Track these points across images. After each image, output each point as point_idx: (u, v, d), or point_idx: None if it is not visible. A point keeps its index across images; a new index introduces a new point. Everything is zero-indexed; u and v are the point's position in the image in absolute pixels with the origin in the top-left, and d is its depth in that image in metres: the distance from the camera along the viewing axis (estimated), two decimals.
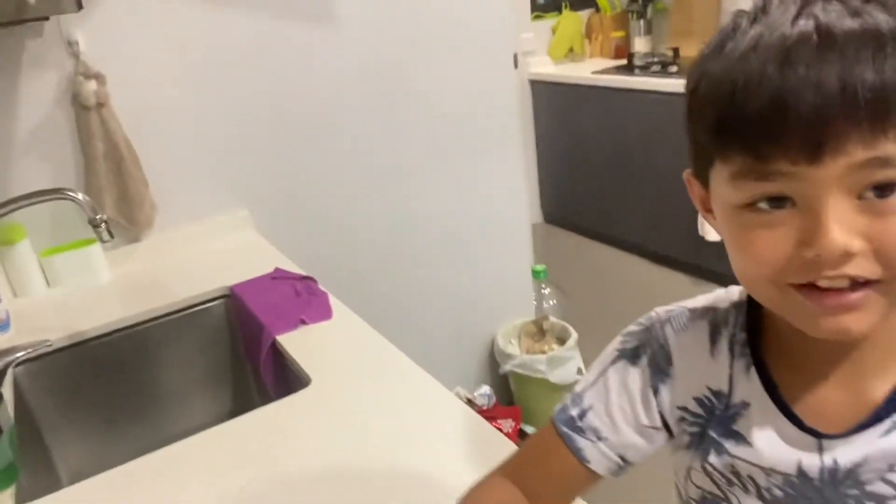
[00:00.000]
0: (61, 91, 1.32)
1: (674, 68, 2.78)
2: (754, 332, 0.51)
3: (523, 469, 0.58)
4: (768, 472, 0.49)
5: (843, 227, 0.39)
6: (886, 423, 0.45)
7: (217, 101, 1.48)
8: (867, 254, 0.39)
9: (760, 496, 0.50)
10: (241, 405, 0.92)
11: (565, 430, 0.56)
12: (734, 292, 0.53)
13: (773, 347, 0.50)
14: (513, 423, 1.86)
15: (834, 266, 0.39)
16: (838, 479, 0.47)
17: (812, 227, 0.39)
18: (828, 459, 0.47)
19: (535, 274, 2.16)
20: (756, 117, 0.39)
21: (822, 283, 0.40)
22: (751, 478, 0.51)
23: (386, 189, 1.74)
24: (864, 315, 0.41)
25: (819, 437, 0.47)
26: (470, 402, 1.89)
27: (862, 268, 0.40)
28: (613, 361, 0.56)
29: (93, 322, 1.21)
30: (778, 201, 0.41)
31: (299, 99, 1.58)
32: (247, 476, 0.79)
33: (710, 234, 2.53)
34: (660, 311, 0.56)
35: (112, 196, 1.37)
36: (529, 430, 1.91)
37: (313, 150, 1.62)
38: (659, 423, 0.55)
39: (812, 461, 0.47)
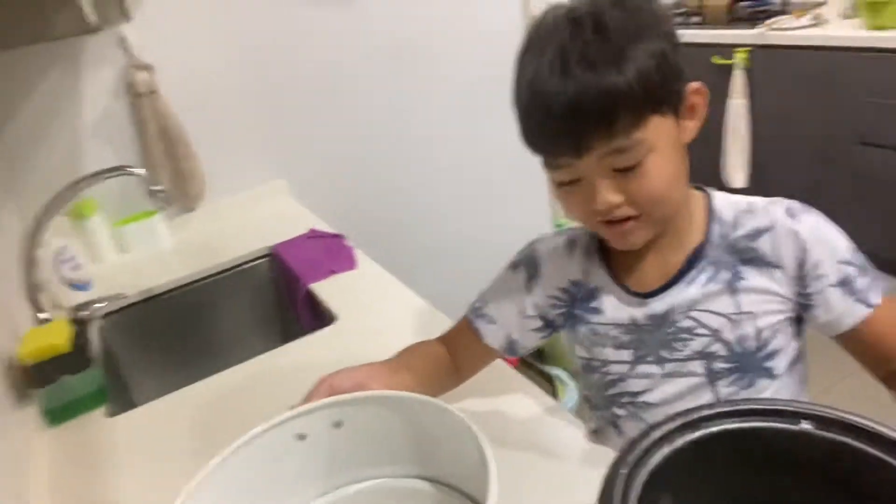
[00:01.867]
0: (117, 83, 1.52)
1: (697, 18, 2.80)
2: (601, 242, 0.75)
3: (451, 340, 0.84)
4: (614, 326, 0.74)
5: (608, 191, 0.63)
6: (683, 282, 0.70)
7: (255, 82, 1.66)
8: (626, 202, 0.64)
9: (614, 344, 0.74)
10: (282, 343, 1.11)
11: (471, 316, 0.82)
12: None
13: (611, 250, 0.74)
14: None
15: (609, 213, 0.65)
16: (657, 321, 0.71)
17: (591, 194, 0.64)
18: (648, 310, 0.72)
19: (558, 226, 2.28)
20: (541, 137, 0.64)
21: (610, 219, 0.66)
22: (606, 334, 0.74)
23: (410, 150, 1.90)
24: (638, 234, 0.67)
25: (641, 296, 0.72)
26: None
27: (625, 211, 0.65)
28: (505, 270, 0.82)
29: (159, 280, 1.41)
30: (572, 182, 0.65)
31: (329, 76, 1.74)
32: (282, 392, 0.97)
33: (736, 181, 2.59)
34: (536, 237, 0.82)
35: (167, 172, 1.57)
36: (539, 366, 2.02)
37: (342, 122, 1.79)
38: (536, 314, 0.79)
39: (638, 313, 0.72)
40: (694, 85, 0.66)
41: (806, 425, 0.52)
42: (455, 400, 0.81)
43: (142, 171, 1.11)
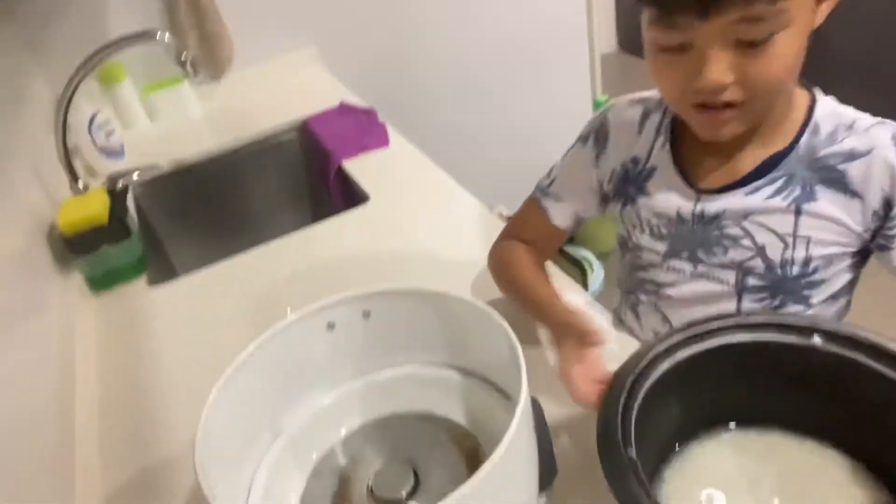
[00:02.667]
0: None
1: None
2: (677, 119, 0.69)
3: (518, 228, 0.81)
4: (658, 214, 0.70)
5: (722, 67, 0.55)
6: (747, 188, 0.65)
7: None
8: (736, 84, 0.56)
9: (651, 234, 0.71)
10: (314, 220, 1.11)
11: (537, 195, 0.79)
12: None
13: (684, 133, 0.68)
14: None
15: (713, 94, 0.57)
16: (705, 221, 0.67)
17: (699, 67, 0.55)
18: (698, 207, 0.67)
19: (597, 105, 2.18)
20: None
21: (707, 103, 0.58)
22: (647, 221, 0.71)
23: (445, 19, 1.79)
24: (733, 125, 0.60)
25: (699, 191, 0.67)
26: (509, 220, 2.02)
27: (732, 94, 0.57)
28: (574, 145, 0.78)
29: (189, 151, 1.41)
30: (679, 49, 0.56)
31: None
32: (316, 269, 0.99)
33: None
34: (611, 102, 0.76)
35: (194, 36, 1.51)
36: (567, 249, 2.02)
37: None
38: (598, 188, 0.76)
39: (687, 208, 0.68)
40: None
41: (817, 339, 0.51)
42: (482, 288, 0.81)
43: (167, 36, 1.06)
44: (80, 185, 1.13)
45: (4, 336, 0.72)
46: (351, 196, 1.24)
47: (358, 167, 1.23)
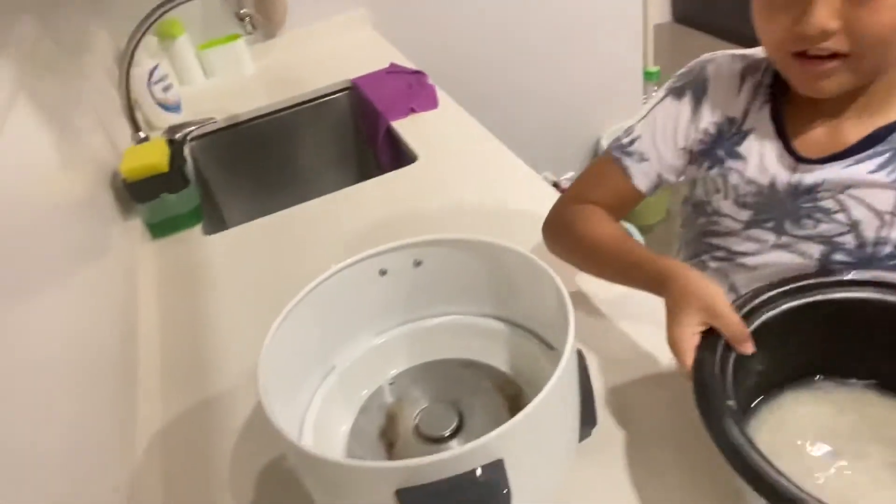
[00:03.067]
0: None
1: None
2: (779, 81, 0.65)
3: (587, 190, 0.74)
4: (749, 181, 0.66)
5: (827, 11, 0.53)
6: (850, 160, 0.61)
7: None
8: (842, 32, 0.54)
9: (736, 201, 0.67)
10: (360, 179, 1.13)
11: (617, 154, 0.72)
12: None
13: (786, 96, 0.64)
14: None
15: (816, 40, 0.54)
16: (799, 192, 0.63)
17: (804, 10, 0.53)
18: (795, 178, 0.63)
19: (648, 76, 2.14)
20: None
21: (810, 51, 0.55)
22: (734, 186, 0.67)
23: None
24: (835, 80, 0.57)
25: (798, 159, 0.63)
26: (555, 185, 2.03)
27: (838, 43, 0.54)
28: (662, 100, 0.71)
29: (244, 107, 1.44)
30: None
31: None
32: (364, 225, 1.01)
33: None
34: (707, 55, 0.70)
35: None
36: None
37: None
38: (687, 146, 0.69)
39: (782, 177, 0.64)
40: None
41: None
42: (531, 246, 0.83)
43: None
44: (142, 135, 1.17)
45: (73, 275, 0.77)
46: (398, 156, 1.26)
47: (407, 128, 1.25)
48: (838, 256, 0.64)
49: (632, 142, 0.71)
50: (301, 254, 0.98)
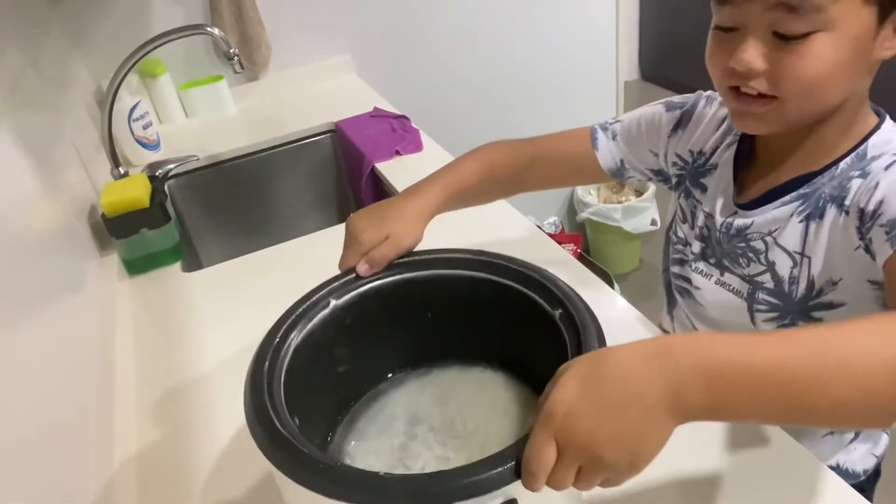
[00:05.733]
0: None
1: None
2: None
3: (549, 140, 0.80)
4: (707, 215, 0.71)
5: (756, 50, 0.56)
6: (776, 203, 0.64)
7: None
8: (767, 75, 0.56)
9: (692, 228, 0.73)
10: (340, 222, 1.13)
11: (595, 127, 0.79)
12: None
13: (750, 141, 0.69)
14: (573, 247, 2.02)
15: (744, 77, 0.57)
16: (732, 233, 0.67)
17: (738, 46, 0.57)
18: (729, 221, 0.68)
19: None
20: None
21: (742, 88, 0.58)
22: (695, 216, 0.73)
23: (475, 37, 1.83)
24: (764, 120, 0.60)
25: (738, 205, 0.67)
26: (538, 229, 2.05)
27: (760, 85, 0.57)
28: (655, 105, 0.76)
29: (225, 146, 1.43)
30: (727, 29, 0.58)
31: None
32: None
33: None
34: (709, 91, 0.74)
35: (234, 36, 1.55)
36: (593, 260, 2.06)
37: (411, 2, 1.72)
38: (659, 160, 0.76)
39: (719, 219, 0.68)
40: None
41: (463, 271, 0.59)
42: None
43: (218, 31, 1.09)
44: (121, 170, 1.15)
45: (48, 309, 0.73)
46: (382, 198, 1.25)
47: (391, 169, 1.25)
48: (762, 296, 0.66)
49: (612, 123, 0.78)
50: (282, 292, 0.96)
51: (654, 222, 2.09)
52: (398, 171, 1.24)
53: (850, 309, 0.62)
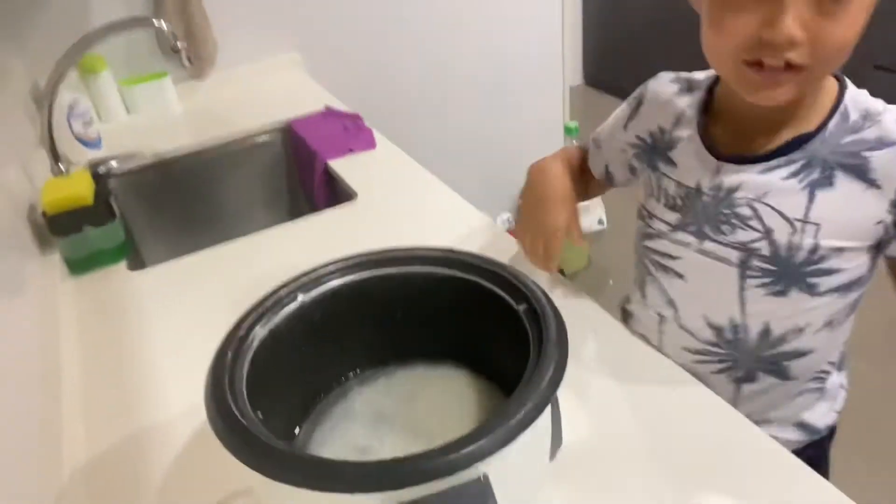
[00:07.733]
0: None
1: None
2: (711, 97, 0.69)
3: (569, 158, 0.85)
4: (678, 185, 0.70)
5: (796, 20, 0.52)
6: (763, 166, 0.63)
7: None
8: (806, 44, 0.53)
9: (665, 204, 0.72)
10: (294, 219, 1.11)
11: (589, 141, 0.85)
12: (711, 73, 0.71)
13: (718, 108, 0.69)
14: None
15: (781, 48, 0.53)
16: (719, 195, 0.66)
17: (774, 15, 0.52)
18: (717, 179, 0.66)
19: (567, 130, 2.26)
20: None
21: (768, 62, 0.55)
22: (665, 189, 0.72)
23: (425, 37, 1.84)
24: (787, 90, 0.57)
25: (718, 159, 0.66)
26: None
27: (799, 55, 0.53)
28: (623, 107, 0.80)
29: (168, 145, 1.39)
30: None
31: None
32: (308, 258, 0.98)
33: None
34: (660, 73, 0.76)
35: (179, 32, 1.51)
36: None
37: (358, 2, 1.71)
38: (626, 147, 0.78)
39: (706, 181, 0.67)
40: None
41: (416, 267, 0.60)
42: None
43: (165, 25, 1.06)
44: (62, 167, 1.11)
45: None
46: (336, 196, 1.25)
47: (344, 167, 1.25)
48: (756, 262, 0.65)
49: (599, 134, 0.83)
50: (231, 290, 0.93)
51: (601, 221, 2.14)
52: (351, 169, 1.24)
53: (848, 274, 0.64)
